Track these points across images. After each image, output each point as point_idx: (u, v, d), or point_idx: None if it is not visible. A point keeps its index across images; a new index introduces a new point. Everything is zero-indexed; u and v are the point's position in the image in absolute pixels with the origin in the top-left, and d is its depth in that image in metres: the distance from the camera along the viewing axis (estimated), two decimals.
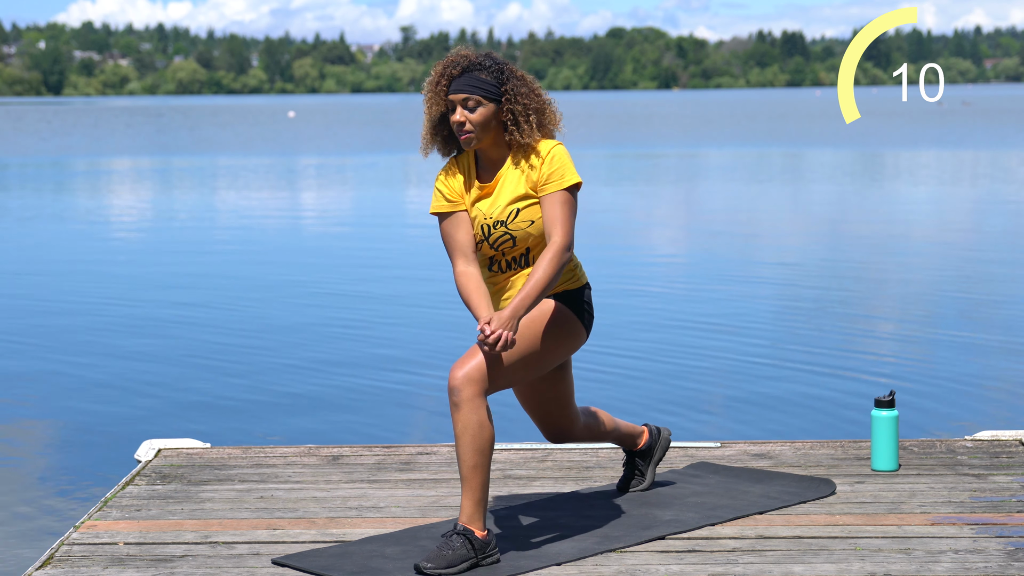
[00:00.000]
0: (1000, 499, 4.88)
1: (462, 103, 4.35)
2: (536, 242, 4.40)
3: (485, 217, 4.40)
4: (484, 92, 4.34)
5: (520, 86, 4.39)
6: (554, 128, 4.45)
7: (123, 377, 9.98)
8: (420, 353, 10.66)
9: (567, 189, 4.34)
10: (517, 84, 4.39)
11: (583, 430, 4.82)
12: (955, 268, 15.30)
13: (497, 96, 4.36)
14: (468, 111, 4.35)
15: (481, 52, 4.43)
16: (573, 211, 4.34)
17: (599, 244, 17.32)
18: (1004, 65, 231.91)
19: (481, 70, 4.37)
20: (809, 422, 8.40)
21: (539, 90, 4.44)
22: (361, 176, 33.15)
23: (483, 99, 4.34)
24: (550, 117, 4.43)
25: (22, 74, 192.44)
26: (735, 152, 41.73)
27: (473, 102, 4.34)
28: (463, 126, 4.35)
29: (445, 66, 4.40)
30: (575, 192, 4.36)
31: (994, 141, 45.90)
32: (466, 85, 4.35)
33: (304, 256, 17.13)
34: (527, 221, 4.38)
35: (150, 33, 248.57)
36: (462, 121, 4.35)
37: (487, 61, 4.39)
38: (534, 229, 4.38)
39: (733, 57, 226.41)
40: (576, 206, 4.35)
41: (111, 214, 23.91)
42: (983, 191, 26.20)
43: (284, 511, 4.85)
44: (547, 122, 4.43)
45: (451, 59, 4.41)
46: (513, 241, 4.40)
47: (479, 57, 4.40)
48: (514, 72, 4.41)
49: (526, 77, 4.43)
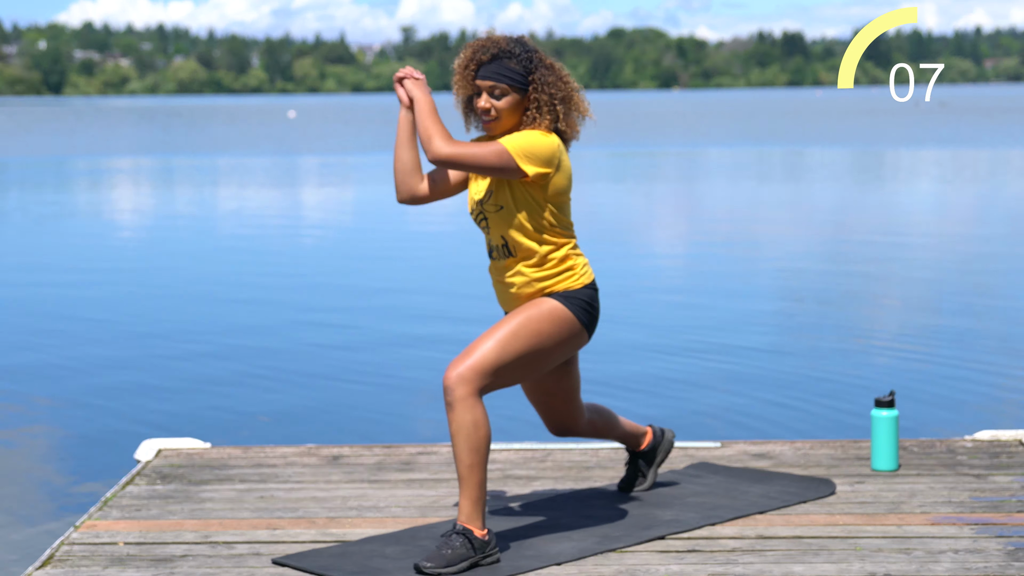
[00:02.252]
0: (1000, 499, 4.88)
1: (489, 90, 4.37)
2: (509, 232, 4.38)
3: (474, 194, 4.48)
4: (511, 81, 4.36)
5: (548, 75, 4.40)
6: (582, 116, 4.46)
7: (123, 377, 9.98)
8: (421, 353, 10.66)
9: (506, 146, 4.28)
10: (545, 73, 4.40)
11: (587, 426, 4.82)
12: (955, 268, 15.30)
13: (524, 85, 4.37)
14: (494, 99, 4.37)
15: (512, 38, 4.44)
16: (481, 149, 4.26)
17: (599, 244, 17.32)
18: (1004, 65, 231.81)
19: (511, 58, 4.38)
20: (809, 422, 8.39)
21: (567, 77, 4.45)
22: (362, 175, 33.14)
23: (510, 88, 4.36)
24: (578, 104, 4.44)
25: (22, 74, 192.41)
26: (735, 151, 41.72)
27: (500, 91, 4.37)
28: (488, 112, 4.38)
29: (475, 51, 4.41)
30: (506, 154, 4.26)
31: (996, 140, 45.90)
32: (494, 73, 4.36)
33: (304, 256, 17.13)
34: (495, 205, 4.39)
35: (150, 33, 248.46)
36: (487, 108, 4.38)
37: (517, 48, 4.40)
38: (503, 217, 4.38)
39: (733, 57, 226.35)
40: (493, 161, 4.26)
41: (113, 214, 23.90)
42: (983, 190, 26.20)
43: (284, 511, 4.85)
44: (574, 110, 4.44)
45: (481, 43, 4.43)
46: (487, 223, 4.43)
47: (509, 44, 4.41)
48: (543, 60, 4.42)
49: (555, 65, 4.44)
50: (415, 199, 4.49)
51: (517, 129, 4.42)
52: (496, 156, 4.27)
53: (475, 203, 4.47)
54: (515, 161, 4.28)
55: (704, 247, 17.73)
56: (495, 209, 4.39)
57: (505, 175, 4.30)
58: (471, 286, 13.82)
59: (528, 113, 4.39)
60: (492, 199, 4.39)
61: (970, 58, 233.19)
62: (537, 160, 4.30)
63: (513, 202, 4.36)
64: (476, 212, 4.47)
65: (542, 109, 4.37)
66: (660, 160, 38.90)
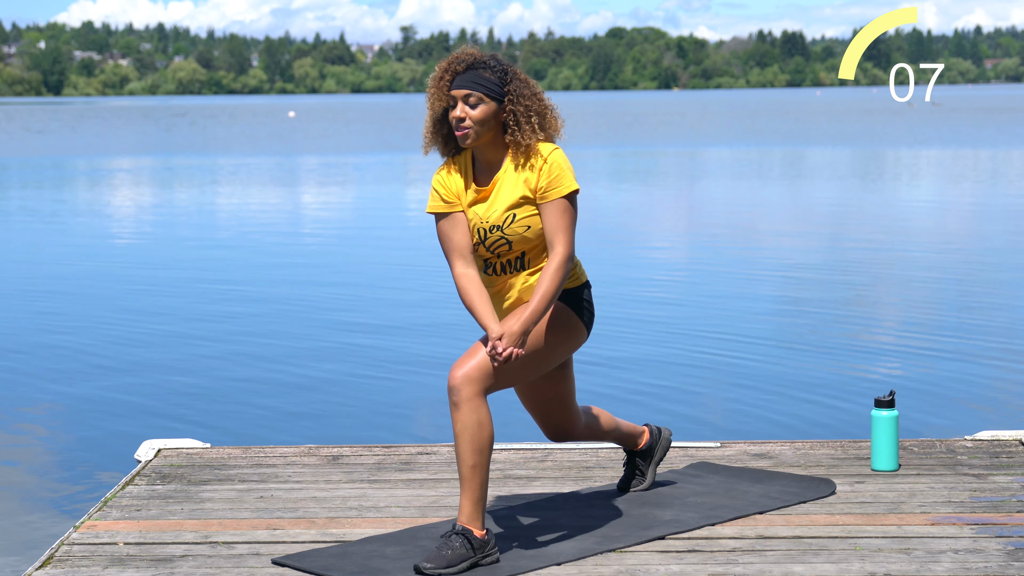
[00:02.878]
0: (1000, 499, 4.88)
1: (464, 99, 4.35)
2: (532, 246, 4.39)
3: (482, 221, 4.39)
4: (486, 90, 4.34)
5: (523, 88, 4.39)
6: (555, 133, 4.45)
7: (123, 377, 9.98)
8: (420, 353, 10.66)
9: (566, 197, 4.33)
10: (520, 86, 4.39)
11: (584, 429, 4.82)
12: (955, 267, 15.30)
13: (499, 95, 4.36)
14: (469, 107, 4.35)
15: (486, 53, 4.44)
16: (573, 219, 4.34)
17: (599, 244, 17.32)
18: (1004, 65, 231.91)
19: (485, 68, 4.37)
20: (809, 422, 8.40)
21: (542, 95, 4.44)
22: (362, 175, 33.14)
23: (485, 96, 4.34)
24: (551, 122, 4.43)
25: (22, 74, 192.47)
26: (734, 151, 41.72)
27: (475, 98, 4.34)
28: (462, 121, 4.35)
29: (450, 62, 4.41)
30: (574, 199, 4.36)
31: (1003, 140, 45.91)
32: (469, 81, 4.35)
33: (304, 256, 17.13)
34: (523, 226, 4.36)
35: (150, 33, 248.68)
36: (462, 116, 4.35)
37: (492, 61, 4.40)
38: (531, 234, 4.37)
39: (733, 57, 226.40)
40: (576, 213, 4.35)
41: (113, 214, 23.89)
42: (983, 190, 26.20)
43: (284, 511, 4.85)
44: (548, 127, 4.43)
45: (456, 56, 4.43)
46: (509, 245, 4.39)
47: (484, 56, 4.41)
48: (517, 74, 4.42)
49: (529, 81, 4.44)
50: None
51: (496, 142, 4.39)
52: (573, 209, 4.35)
53: (490, 229, 4.38)
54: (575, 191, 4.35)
55: (704, 247, 17.73)
56: (523, 229, 4.36)
57: None
58: None
59: (509, 131, 4.35)
60: (517, 222, 4.36)
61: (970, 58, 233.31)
62: (572, 172, 4.39)
63: (537, 219, 4.36)
64: (494, 239, 4.38)
65: (519, 121, 4.35)
66: (659, 160, 38.90)
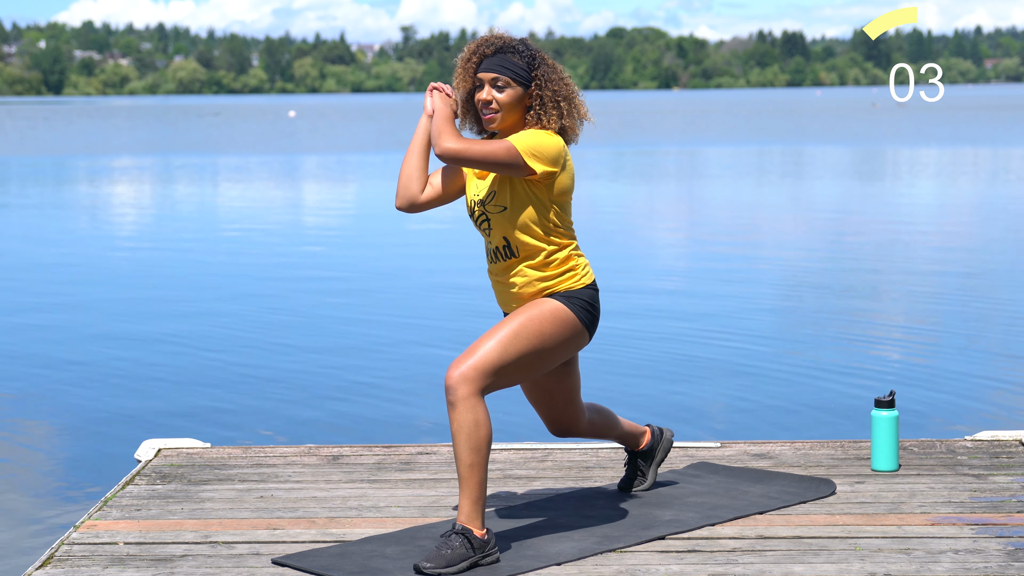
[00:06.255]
0: (1000, 499, 4.87)
1: (491, 82, 4.37)
2: (512, 233, 4.38)
3: (474, 195, 4.46)
4: (514, 74, 4.36)
5: (551, 72, 4.41)
6: (582, 118, 4.46)
7: (123, 377, 9.98)
8: (421, 353, 10.66)
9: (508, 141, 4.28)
10: (548, 71, 4.41)
11: (587, 427, 4.82)
12: (955, 267, 15.30)
13: (527, 80, 4.38)
14: (496, 91, 4.37)
15: (516, 37, 4.45)
16: (492, 151, 4.25)
17: (599, 243, 17.32)
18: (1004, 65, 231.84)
19: (514, 53, 4.39)
20: (809, 422, 8.39)
21: (569, 80, 4.46)
22: (363, 174, 33.14)
23: (512, 81, 4.36)
24: (578, 108, 4.44)
25: (22, 73, 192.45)
26: (734, 151, 41.71)
27: (503, 82, 4.36)
28: (489, 104, 4.38)
29: (479, 44, 4.43)
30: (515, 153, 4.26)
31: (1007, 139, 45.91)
32: (497, 65, 4.37)
33: (305, 256, 17.13)
34: (498, 206, 4.38)
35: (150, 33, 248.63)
36: (489, 100, 4.37)
37: (520, 46, 4.42)
38: (506, 218, 4.37)
39: (733, 57, 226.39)
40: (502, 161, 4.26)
41: (113, 213, 23.90)
42: (983, 189, 26.19)
43: (284, 511, 4.85)
44: (575, 111, 4.43)
45: (485, 39, 4.45)
46: (489, 224, 4.42)
47: (514, 41, 4.43)
48: (545, 59, 4.44)
49: (556, 66, 4.46)
50: (413, 206, 4.50)
51: (519, 127, 4.42)
52: (505, 152, 4.26)
53: (476, 204, 4.46)
54: (523, 158, 4.27)
55: (703, 246, 17.73)
56: (498, 210, 4.39)
57: (512, 172, 4.29)
58: (471, 285, 13.82)
59: (531, 112, 4.39)
60: (495, 200, 4.39)
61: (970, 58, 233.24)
62: (544, 159, 4.30)
63: (516, 202, 4.36)
64: (478, 214, 4.45)
65: (546, 106, 4.37)
66: (660, 159, 38.90)
